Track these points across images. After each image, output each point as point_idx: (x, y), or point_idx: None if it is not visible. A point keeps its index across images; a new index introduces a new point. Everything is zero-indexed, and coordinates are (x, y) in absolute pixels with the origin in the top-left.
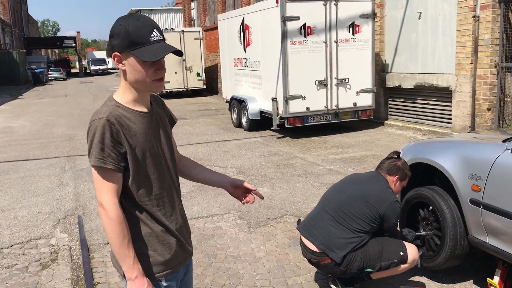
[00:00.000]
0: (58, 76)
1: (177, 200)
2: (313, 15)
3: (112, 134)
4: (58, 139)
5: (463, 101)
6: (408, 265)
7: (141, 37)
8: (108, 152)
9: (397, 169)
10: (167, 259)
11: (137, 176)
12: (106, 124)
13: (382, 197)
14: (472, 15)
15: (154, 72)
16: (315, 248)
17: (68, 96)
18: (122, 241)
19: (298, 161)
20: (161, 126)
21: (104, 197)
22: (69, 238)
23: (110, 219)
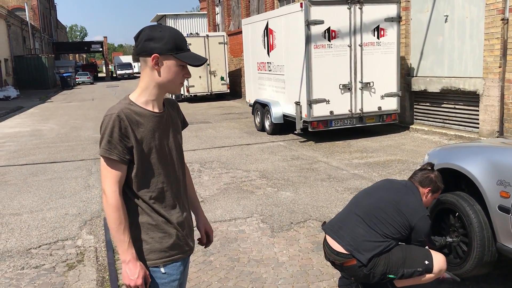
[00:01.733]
0: (85, 80)
1: (182, 196)
2: (337, 19)
3: (120, 129)
4: (85, 142)
5: (491, 105)
6: (434, 275)
7: (182, 43)
8: (114, 144)
9: (430, 182)
10: (165, 247)
11: (141, 169)
12: (116, 119)
13: (414, 209)
14: (501, 17)
15: (182, 76)
16: (341, 249)
17: (95, 100)
18: (118, 226)
19: (321, 165)
20: (171, 127)
21: (107, 184)
22: (95, 240)
23: (109, 205)
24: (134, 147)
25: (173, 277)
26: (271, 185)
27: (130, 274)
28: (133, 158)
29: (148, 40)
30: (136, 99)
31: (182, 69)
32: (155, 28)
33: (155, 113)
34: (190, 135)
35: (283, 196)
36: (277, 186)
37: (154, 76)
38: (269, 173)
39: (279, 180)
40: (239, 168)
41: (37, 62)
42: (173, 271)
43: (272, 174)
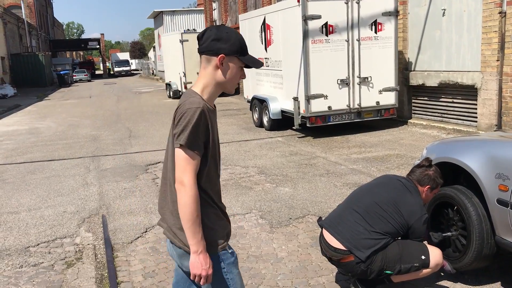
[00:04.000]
0: (83, 78)
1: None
2: (334, 14)
3: (204, 123)
4: (83, 139)
5: (489, 99)
6: (431, 270)
7: (246, 47)
8: (199, 137)
9: (428, 179)
10: (226, 233)
11: (209, 163)
12: (201, 114)
13: (412, 209)
14: (499, 11)
15: (239, 77)
16: (339, 245)
17: (93, 97)
18: (196, 218)
19: (320, 161)
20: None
21: (186, 176)
22: (93, 237)
23: (190, 197)
24: (209, 142)
25: (235, 254)
26: (270, 181)
27: (202, 264)
28: (206, 152)
29: (215, 40)
30: (203, 94)
31: (240, 71)
32: (221, 29)
33: (213, 109)
34: None
35: (281, 192)
36: (275, 182)
37: (216, 75)
38: (268, 169)
39: (277, 176)
40: (237, 164)
41: (34, 60)
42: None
43: (271, 170)
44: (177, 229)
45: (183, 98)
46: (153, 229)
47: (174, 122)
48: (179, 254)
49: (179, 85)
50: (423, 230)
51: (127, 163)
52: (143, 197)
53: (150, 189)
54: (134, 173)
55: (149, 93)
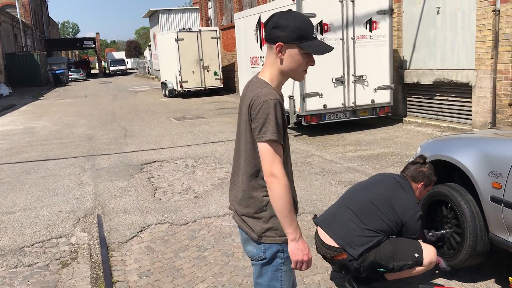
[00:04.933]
0: (78, 77)
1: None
2: (329, 12)
3: (282, 114)
4: (78, 139)
5: (484, 97)
6: (424, 268)
7: (307, 32)
8: (281, 128)
9: (423, 176)
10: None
11: (285, 152)
12: (278, 105)
13: (406, 206)
14: (492, 9)
15: (306, 64)
16: (333, 242)
17: (88, 97)
18: (291, 207)
19: (315, 159)
20: None
21: (277, 168)
22: (88, 237)
23: (284, 187)
24: (285, 131)
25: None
26: None
27: (302, 249)
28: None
29: (274, 27)
30: (272, 83)
31: (306, 57)
32: (283, 16)
33: (282, 97)
34: (184, 131)
35: None
36: None
37: (278, 63)
38: None
39: None
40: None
41: (29, 59)
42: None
43: None
44: (244, 216)
45: (254, 89)
46: (149, 228)
47: (249, 114)
48: (244, 239)
49: (175, 84)
50: (418, 227)
51: (123, 163)
52: (138, 197)
53: (146, 188)
54: (129, 173)
55: (145, 92)
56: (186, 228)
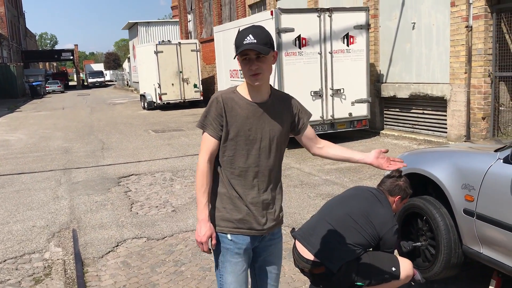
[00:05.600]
0: (56, 89)
1: (265, 181)
2: (307, 27)
3: (216, 109)
4: (55, 152)
5: (458, 110)
6: (401, 281)
7: (238, 42)
8: (210, 120)
9: (399, 190)
10: (234, 219)
11: (225, 147)
12: (214, 100)
13: (383, 220)
14: (465, 25)
15: (248, 69)
16: (311, 256)
17: (66, 109)
18: (200, 188)
19: (294, 172)
20: (270, 117)
21: (200, 154)
22: (63, 252)
23: (197, 170)
24: (223, 126)
25: (239, 245)
26: None
27: (198, 231)
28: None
29: None
30: (239, 88)
31: (247, 63)
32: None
33: (251, 102)
34: (163, 143)
35: None
36: None
37: None
38: None
39: None
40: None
41: (5, 71)
42: (240, 241)
43: None
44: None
45: None
46: (125, 243)
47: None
48: None
49: (154, 96)
50: (394, 240)
51: (99, 176)
52: (114, 211)
53: (122, 202)
54: (106, 186)
55: (123, 104)
56: (163, 243)
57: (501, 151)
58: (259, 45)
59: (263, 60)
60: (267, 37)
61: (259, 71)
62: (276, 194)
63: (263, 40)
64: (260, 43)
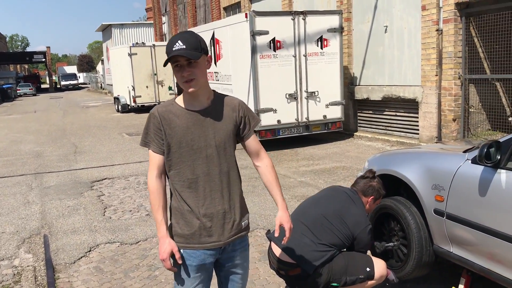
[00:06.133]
0: (28, 92)
1: (218, 190)
2: (282, 30)
3: (154, 124)
4: (26, 156)
5: (430, 112)
6: (375, 281)
7: (169, 48)
8: (151, 136)
9: (372, 190)
10: (185, 234)
11: (170, 160)
12: (151, 116)
13: (357, 220)
14: (436, 28)
15: (181, 76)
16: (287, 258)
17: (38, 112)
18: (153, 207)
19: None
20: (213, 123)
21: (148, 172)
22: (34, 259)
23: (148, 189)
24: (164, 140)
25: (189, 262)
26: None
27: (160, 249)
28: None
29: None
30: (178, 99)
31: (178, 70)
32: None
33: (190, 111)
34: (136, 147)
35: None
36: None
37: None
38: None
39: None
40: None
41: None
42: (190, 257)
43: None
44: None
45: None
46: (98, 248)
47: None
48: None
49: (128, 99)
50: (368, 240)
51: (72, 180)
52: (87, 215)
53: (95, 207)
54: (78, 191)
55: (97, 107)
56: (136, 247)
57: (470, 152)
58: (188, 51)
59: (195, 65)
60: (197, 42)
61: (191, 77)
62: (235, 202)
63: (192, 45)
64: (190, 48)
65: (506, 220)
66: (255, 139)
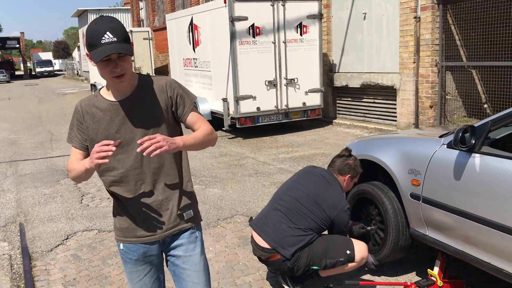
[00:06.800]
0: (1, 79)
1: (149, 182)
2: (261, 16)
3: (78, 119)
4: (0, 144)
5: (407, 99)
6: (356, 264)
7: (94, 39)
8: (75, 132)
9: (349, 168)
10: (121, 228)
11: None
12: (74, 111)
13: (334, 202)
14: (414, 15)
15: (110, 71)
16: (266, 244)
17: (12, 99)
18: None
19: (249, 161)
20: (139, 110)
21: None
22: (9, 247)
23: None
24: (88, 136)
25: (129, 256)
26: (199, 182)
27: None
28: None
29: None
30: (103, 90)
31: (106, 65)
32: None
33: (112, 102)
34: None
35: (210, 193)
36: (204, 183)
37: None
38: (197, 171)
39: (207, 177)
40: None
41: None
42: (129, 251)
43: (200, 172)
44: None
45: None
46: (75, 235)
47: None
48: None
49: None
50: (347, 220)
51: (48, 168)
52: (64, 203)
53: (72, 194)
54: (55, 178)
55: (74, 94)
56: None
57: (445, 136)
58: (121, 44)
59: (125, 59)
60: (124, 31)
61: (123, 72)
62: (172, 193)
63: (122, 37)
64: (121, 40)
65: (480, 203)
66: (195, 116)
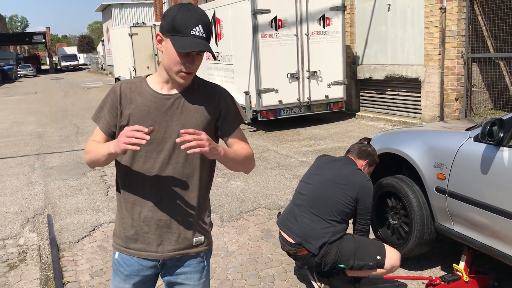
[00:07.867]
0: (28, 73)
1: (167, 193)
2: (284, 8)
3: (113, 101)
4: (28, 137)
5: (432, 92)
6: (385, 271)
7: (183, 27)
8: (105, 112)
9: (367, 154)
10: (123, 235)
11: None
12: (110, 91)
13: (353, 179)
14: (439, 6)
15: (184, 65)
16: (291, 240)
17: (38, 93)
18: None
19: (271, 154)
20: (182, 113)
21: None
22: (38, 238)
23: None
24: (118, 122)
25: (122, 269)
26: (221, 175)
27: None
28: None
29: (162, 16)
30: (151, 77)
31: (183, 57)
32: (175, 6)
33: (159, 94)
34: None
35: (233, 186)
36: (227, 176)
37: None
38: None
39: (229, 171)
40: None
41: None
42: (124, 264)
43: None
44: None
45: None
46: (101, 227)
47: None
48: None
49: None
50: (371, 192)
51: (74, 161)
52: (90, 195)
53: (98, 187)
54: (81, 171)
55: (98, 88)
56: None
57: (472, 130)
58: (208, 43)
59: (200, 57)
60: (211, 30)
61: (193, 71)
62: (187, 212)
63: (209, 34)
64: (208, 39)
65: (508, 197)
66: (239, 136)
